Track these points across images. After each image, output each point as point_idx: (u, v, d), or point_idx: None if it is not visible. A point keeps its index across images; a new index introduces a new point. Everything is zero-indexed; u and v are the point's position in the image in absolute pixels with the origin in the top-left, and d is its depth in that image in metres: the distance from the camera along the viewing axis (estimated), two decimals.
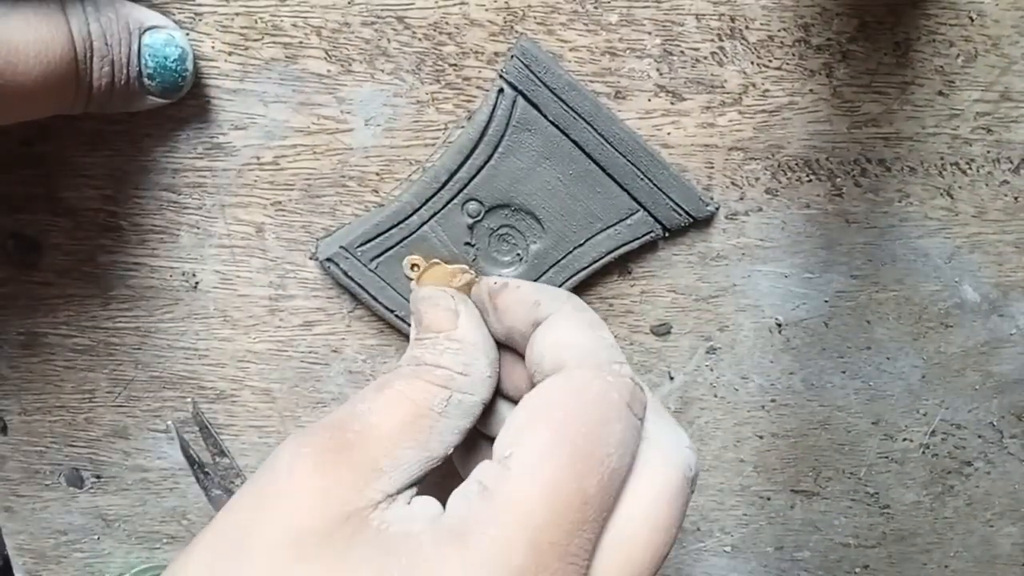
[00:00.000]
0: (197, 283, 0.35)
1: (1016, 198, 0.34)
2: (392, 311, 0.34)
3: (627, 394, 0.25)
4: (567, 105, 0.31)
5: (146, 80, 0.28)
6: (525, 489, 0.23)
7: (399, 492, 0.24)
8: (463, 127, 0.32)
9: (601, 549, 0.23)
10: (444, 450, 0.26)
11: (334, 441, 0.24)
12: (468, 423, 0.27)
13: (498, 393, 0.29)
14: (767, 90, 0.32)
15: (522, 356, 0.29)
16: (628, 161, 0.32)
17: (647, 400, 0.26)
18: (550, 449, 0.23)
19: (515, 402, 0.29)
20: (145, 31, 0.28)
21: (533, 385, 0.27)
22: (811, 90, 0.32)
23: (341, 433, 0.25)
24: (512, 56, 0.31)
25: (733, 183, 0.34)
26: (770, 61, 0.31)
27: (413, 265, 0.33)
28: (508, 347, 0.30)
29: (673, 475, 0.25)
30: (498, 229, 0.33)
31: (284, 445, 0.25)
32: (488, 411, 0.29)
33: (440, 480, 0.27)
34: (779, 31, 0.31)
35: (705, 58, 0.31)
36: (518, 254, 0.34)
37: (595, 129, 0.31)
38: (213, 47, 0.31)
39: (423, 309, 0.29)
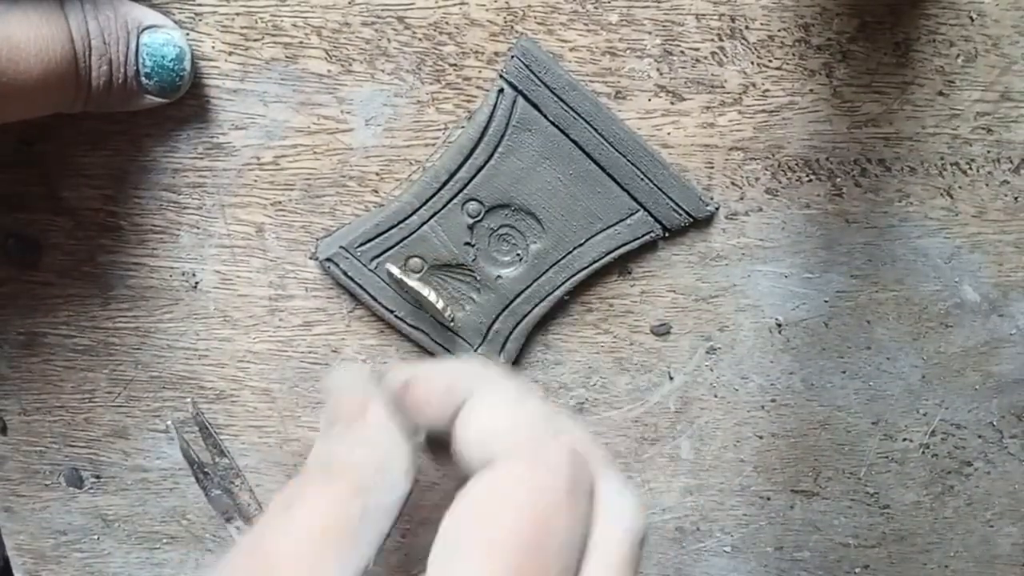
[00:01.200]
0: (197, 283, 0.35)
1: (1016, 198, 0.34)
2: (392, 311, 0.34)
3: (566, 479, 0.23)
4: (567, 105, 0.31)
5: (144, 79, 0.29)
6: None
7: None
8: (463, 127, 0.32)
9: None
10: (368, 560, 0.24)
11: None
12: (389, 524, 0.24)
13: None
14: (767, 90, 0.32)
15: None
16: (628, 161, 0.32)
17: (592, 470, 0.24)
18: (479, 558, 0.21)
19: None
20: (143, 30, 0.28)
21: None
22: (811, 90, 0.32)
23: (256, 567, 0.23)
24: (512, 56, 0.31)
25: (733, 183, 0.34)
26: (770, 61, 0.31)
27: (408, 264, 0.32)
28: None
29: (627, 547, 0.23)
30: (498, 229, 0.33)
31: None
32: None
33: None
34: (779, 31, 0.31)
35: (705, 58, 0.31)
36: (518, 254, 0.34)
37: (595, 129, 0.31)
38: (213, 47, 0.31)
39: (332, 400, 0.27)
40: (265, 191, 0.33)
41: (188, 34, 0.30)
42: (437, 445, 0.27)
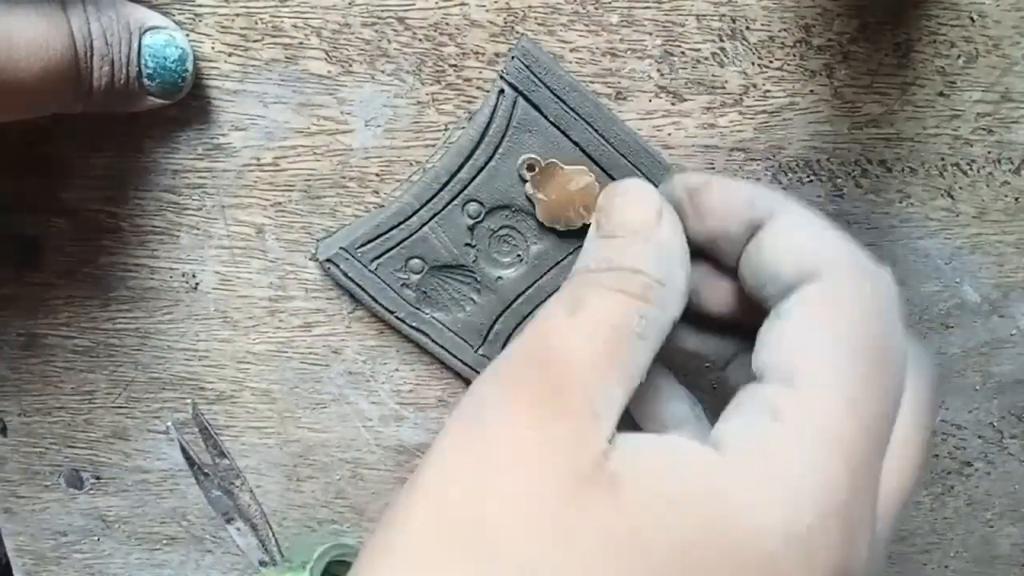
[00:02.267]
0: (197, 284, 0.35)
1: (1017, 199, 0.34)
2: (392, 312, 0.34)
3: (893, 288, 0.22)
4: (568, 106, 0.31)
5: (146, 80, 0.28)
6: (828, 410, 0.20)
7: (613, 436, 0.21)
8: (463, 128, 0.32)
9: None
10: (640, 380, 0.23)
11: (543, 385, 0.21)
12: (660, 344, 0.23)
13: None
14: (768, 91, 0.32)
15: (717, 269, 0.26)
16: (629, 162, 0.32)
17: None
18: (844, 363, 0.20)
19: (701, 324, 0.26)
20: (145, 31, 0.28)
21: (755, 300, 0.24)
22: (812, 91, 0.32)
23: (547, 373, 0.21)
24: (513, 57, 0.31)
25: None
26: (771, 62, 0.31)
27: (529, 165, 0.30)
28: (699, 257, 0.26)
29: (929, 381, 0.23)
30: (498, 230, 0.33)
31: (485, 389, 0.22)
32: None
33: None
34: (780, 32, 0.31)
35: (706, 59, 0.31)
36: (519, 255, 0.34)
37: (596, 130, 0.31)
38: (213, 48, 0.30)
39: (621, 202, 0.25)
40: (265, 192, 0.33)
41: (188, 35, 0.30)
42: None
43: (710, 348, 0.29)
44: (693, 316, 0.24)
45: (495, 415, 0.21)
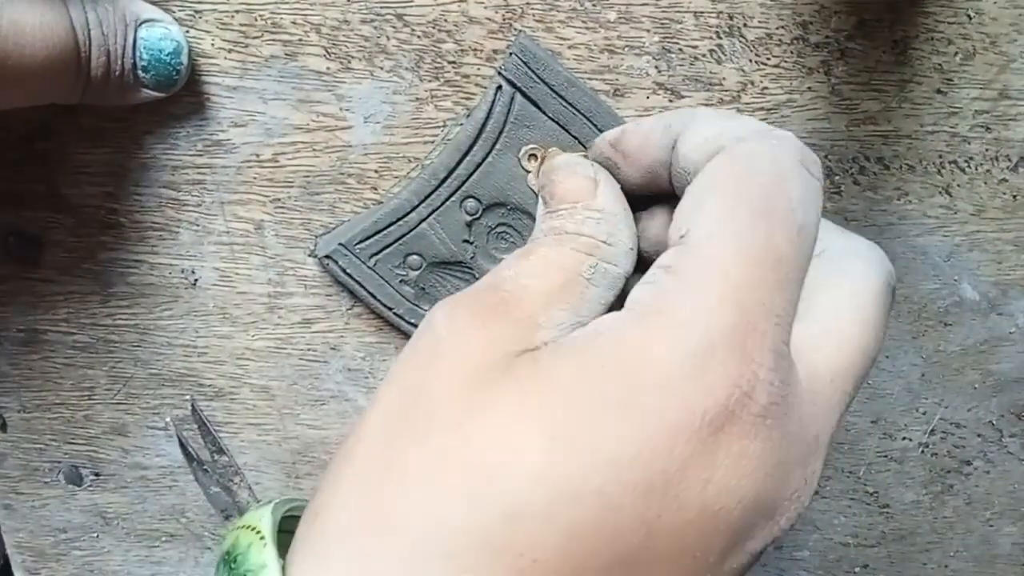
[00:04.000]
0: (196, 280, 0.35)
1: (1015, 196, 0.34)
2: (391, 308, 0.35)
3: (797, 153, 0.23)
4: (566, 101, 0.31)
5: (141, 73, 0.29)
6: (714, 255, 0.21)
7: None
8: (462, 124, 0.32)
9: (808, 337, 0.22)
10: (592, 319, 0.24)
11: (488, 300, 0.23)
12: (612, 296, 0.25)
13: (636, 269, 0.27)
14: (765, 88, 0.32)
15: (660, 212, 0.27)
16: None
17: (819, 164, 0.24)
18: (728, 213, 0.22)
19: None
20: (141, 24, 0.28)
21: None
22: (809, 88, 0.32)
23: (493, 293, 0.24)
24: (511, 53, 0.31)
25: None
26: (768, 59, 0.32)
27: (531, 155, 0.31)
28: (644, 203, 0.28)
29: (876, 278, 0.24)
30: (496, 227, 0.33)
31: (434, 310, 0.24)
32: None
33: None
34: (777, 29, 0.31)
35: (703, 56, 0.31)
36: None
37: (594, 126, 0.31)
38: (213, 44, 0.31)
39: (558, 179, 0.27)
40: (264, 188, 0.33)
41: (187, 31, 0.30)
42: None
43: None
44: (646, 265, 0.26)
45: (439, 321, 0.23)
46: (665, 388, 0.20)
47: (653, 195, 0.27)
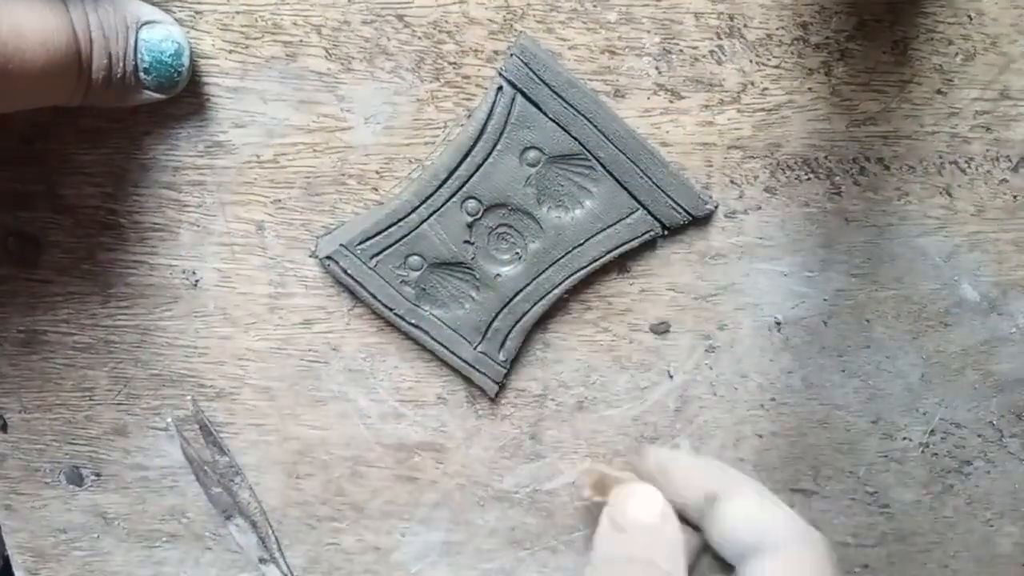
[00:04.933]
0: (197, 281, 0.35)
1: (1015, 196, 0.34)
2: (391, 309, 0.35)
3: (831, 558, 0.28)
4: (567, 102, 0.31)
5: (142, 74, 0.29)
6: None
7: None
8: (462, 125, 0.32)
9: None
10: None
11: None
12: None
13: None
14: (766, 88, 0.32)
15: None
16: (627, 159, 0.32)
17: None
18: None
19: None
20: (142, 25, 0.28)
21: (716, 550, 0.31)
22: (810, 88, 0.32)
23: None
24: (511, 54, 0.31)
25: (732, 181, 0.34)
26: (769, 59, 0.32)
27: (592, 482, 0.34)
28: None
29: None
30: (497, 227, 0.33)
31: None
32: None
33: None
34: (777, 29, 0.31)
35: (704, 56, 0.31)
36: (517, 252, 0.34)
37: (595, 127, 0.32)
38: (214, 45, 0.31)
39: (632, 504, 0.31)
40: (265, 189, 0.33)
41: (188, 32, 0.30)
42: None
43: None
44: None
45: None
46: None
47: None
